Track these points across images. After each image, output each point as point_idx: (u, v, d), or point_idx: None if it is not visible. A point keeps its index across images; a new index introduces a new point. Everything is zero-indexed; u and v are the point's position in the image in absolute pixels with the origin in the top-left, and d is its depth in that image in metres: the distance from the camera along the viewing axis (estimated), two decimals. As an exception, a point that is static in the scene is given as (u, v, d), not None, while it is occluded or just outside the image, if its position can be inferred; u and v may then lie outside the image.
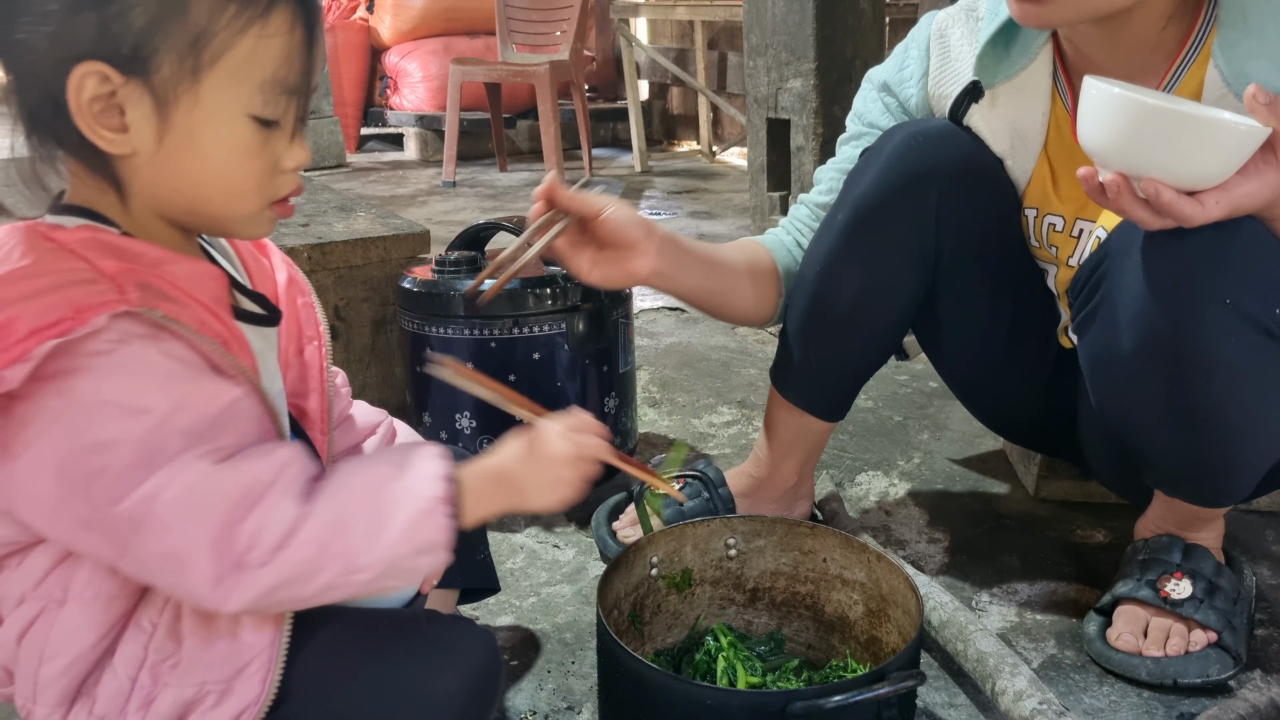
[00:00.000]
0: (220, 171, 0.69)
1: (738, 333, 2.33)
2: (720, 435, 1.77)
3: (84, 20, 0.63)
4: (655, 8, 4.78)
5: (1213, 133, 0.85)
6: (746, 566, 1.11)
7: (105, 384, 0.62)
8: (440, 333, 1.42)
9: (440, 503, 0.68)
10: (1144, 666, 1.08)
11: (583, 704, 1.08)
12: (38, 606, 0.70)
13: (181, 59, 0.65)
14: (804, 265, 1.25)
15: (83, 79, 0.63)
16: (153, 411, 0.63)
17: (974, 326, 1.26)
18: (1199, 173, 0.86)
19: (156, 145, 0.67)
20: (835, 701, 0.81)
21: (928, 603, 1.14)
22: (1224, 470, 1.07)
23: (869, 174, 1.18)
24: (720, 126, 5.21)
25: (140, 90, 0.65)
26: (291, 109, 0.70)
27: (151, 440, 0.62)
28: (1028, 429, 1.38)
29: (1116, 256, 1.01)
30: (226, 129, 0.67)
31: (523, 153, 5.18)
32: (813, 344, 1.25)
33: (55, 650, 0.69)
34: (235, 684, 0.70)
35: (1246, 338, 0.95)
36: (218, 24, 0.65)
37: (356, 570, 0.66)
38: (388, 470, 0.70)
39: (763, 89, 2.13)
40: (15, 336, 0.60)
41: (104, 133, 0.65)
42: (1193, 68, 1.06)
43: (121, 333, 0.63)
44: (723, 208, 3.83)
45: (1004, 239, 1.22)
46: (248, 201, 0.71)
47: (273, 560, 0.64)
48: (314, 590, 0.66)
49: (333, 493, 0.67)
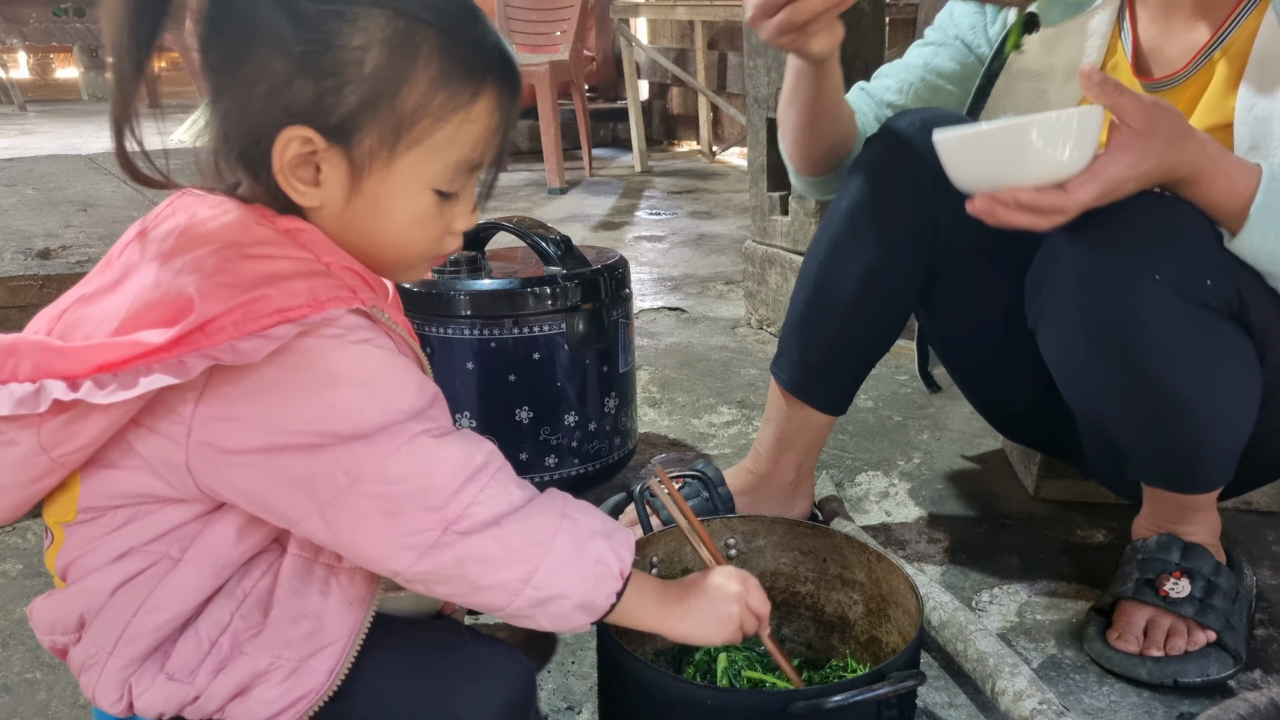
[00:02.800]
0: (398, 236, 0.72)
1: (737, 333, 2.33)
2: (720, 435, 1.77)
3: (302, 86, 0.66)
4: (655, 8, 4.78)
5: (1027, 133, 0.93)
6: (746, 566, 1.11)
7: (338, 362, 0.66)
8: (440, 333, 1.42)
9: (620, 578, 0.73)
10: (1144, 666, 1.08)
11: (583, 704, 1.08)
12: (147, 560, 0.70)
13: (384, 138, 0.68)
14: (809, 251, 1.27)
15: (289, 141, 0.67)
16: (382, 388, 0.67)
17: (975, 313, 1.27)
18: (1045, 169, 0.94)
19: (343, 205, 0.70)
20: (835, 701, 0.81)
21: (928, 603, 1.14)
22: (1191, 449, 1.08)
23: (872, 161, 1.21)
24: (720, 126, 5.21)
25: (339, 156, 0.68)
26: (473, 182, 0.74)
27: (380, 409, 0.66)
28: (1029, 423, 1.38)
29: (1057, 248, 1.05)
30: (411, 200, 0.71)
31: (523, 153, 5.18)
32: (815, 333, 1.27)
33: (158, 604, 0.70)
34: (309, 663, 0.71)
35: (1182, 310, 0.99)
36: (425, 111, 0.68)
37: (533, 585, 0.69)
38: (598, 525, 0.74)
39: (763, 89, 2.13)
40: (259, 313, 0.63)
41: (298, 186, 0.68)
42: (1255, 12, 1.11)
43: (351, 323, 0.67)
44: (723, 208, 3.83)
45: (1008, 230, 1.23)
46: (413, 259, 0.75)
47: (480, 532, 0.67)
48: (493, 581, 0.68)
49: (549, 503, 0.72)
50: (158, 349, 0.62)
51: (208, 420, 0.65)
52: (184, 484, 0.68)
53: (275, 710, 0.71)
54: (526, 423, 1.42)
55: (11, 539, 1.42)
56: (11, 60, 7.70)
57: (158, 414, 0.66)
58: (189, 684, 0.71)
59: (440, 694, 0.74)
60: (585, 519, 0.73)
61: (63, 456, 0.67)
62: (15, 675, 1.13)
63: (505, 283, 1.40)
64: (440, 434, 0.69)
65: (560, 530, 0.70)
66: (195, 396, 0.65)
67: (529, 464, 1.44)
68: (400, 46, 0.66)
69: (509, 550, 0.68)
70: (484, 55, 0.70)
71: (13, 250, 1.73)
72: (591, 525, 0.73)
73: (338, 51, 0.65)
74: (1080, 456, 1.32)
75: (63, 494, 0.71)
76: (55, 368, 0.63)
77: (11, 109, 6.89)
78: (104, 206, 2.15)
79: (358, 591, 0.73)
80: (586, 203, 3.96)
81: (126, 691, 0.71)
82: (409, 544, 0.67)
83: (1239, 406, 1.06)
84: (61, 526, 0.72)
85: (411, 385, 0.69)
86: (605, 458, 1.50)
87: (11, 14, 7.44)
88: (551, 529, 0.70)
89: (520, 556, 0.68)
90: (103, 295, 0.68)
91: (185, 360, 0.62)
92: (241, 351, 0.62)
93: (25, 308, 1.56)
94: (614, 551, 0.73)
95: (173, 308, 0.63)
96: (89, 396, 0.62)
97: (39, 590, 1.14)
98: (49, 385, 0.63)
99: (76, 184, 2.42)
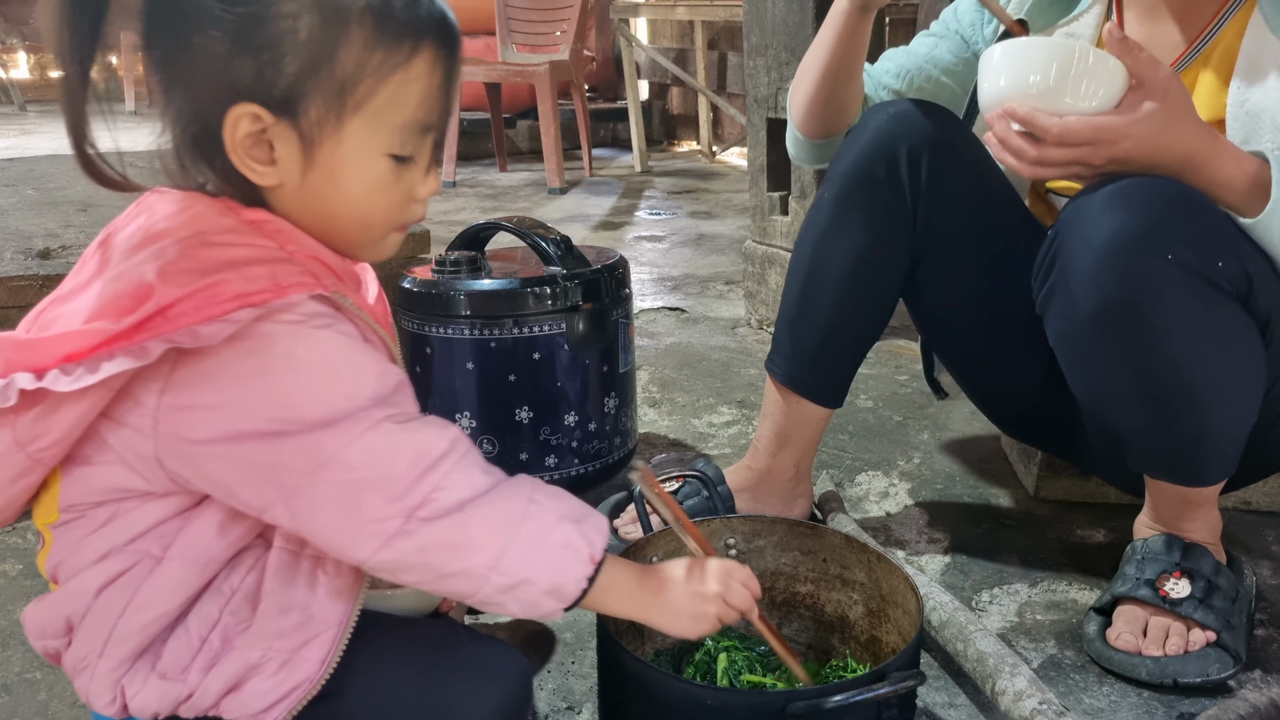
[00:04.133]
0: (358, 206, 0.72)
1: (737, 333, 2.33)
2: (720, 435, 1.77)
3: (242, 63, 0.66)
4: (655, 8, 4.78)
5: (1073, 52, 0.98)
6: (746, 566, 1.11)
7: (299, 347, 0.66)
8: (440, 333, 1.42)
9: (591, 563, 0.71)
10: (1144, 666, 1.08)
11: (583, 704, 1.08)
12: (129, 560, 0.71)
13: (328, 104, 0.68)
14: (798, 245, 1.29)
15: (238, 119, 0.67)
16: (343, 374, 0.67)
17: (960, 299, 1.28)
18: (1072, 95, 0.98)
19: (300, 180, 0.70)
20: (835, 701, 0.81)
21: (928, 603, 1.14)
22: (1195, 434, 1.08)
23: (853, 150, 1.23)
24: (720, 126, 5.21)
25: (289, 130, 0.68)
26: (427, 145, 0.73)
27: (341, 395, 0.67)
28: (1025, 417, 1.38)
29: (1065, 232, 1.05)
30: (366, 167, 0.71)
31: (523, 153, 5.19)
32: (807, 324, 1.28)
33: (143, 603, 0.70)
34: (300, 653, 0.71)
35: (1193, 290, 0.99)
36: (364, 71, 0.68)
37: (499, 571, 0.68)
38: (567, 509, 0.72)
39: (763, 89, 2.13)
40: (222, 298, 0.63)
41: (254, 165, 0.69)
42: (1241, 10, 1.12)
43: (313, 310, 0.68)
44: (723, 208, 3.83)
45: (990, 215, 1.25)
46: (379, 230, 0.75)
47: (443, 519, 0.67)
48: (458, 568, 0.68)
49: (515, 488, 0.71)
50: (119, 334, 0.63)
51: (172, 410, 0.66)
52: (156, 476, 0.69)
53: (270, 702, 0.71)
54: (526, 423, 1.42)
55: (11, 539, 1.42)
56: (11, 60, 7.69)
57: (126, 406, 0.67)
58: (181, 682, 0.71)
59: (436, 692, 0.73)
60: (553, 503, 0.72)
61: (39, 452, 0.67)
62: (15, 675, 1.13)
63: (505, 283, 1.40)
64: (404, 420, 0.68)
65: (526, 515, 0.70)
66: (160, 387, 0.66)
67: (529, 464, 1.44)
68: (331, 9, 0.67)
69: (473, 537, 0.68)
70: (417, 11, 0.69)
71: (13, 250, 1.73)
72: (560, 510, 0.72)
73: (271, 23, 0.66)
74: (1080, 452, 1.32)
75: (46, 495, 0.72)
76: (23, 361, 0.64)
77: (11, 109, 6.89)
78: (104, 206, 2.14)
79: (345, 582, 0.73)
80: (586, 203, 3.96)
81: (120, 693, 0.71)
82: (371, 532, 0.66)
83: (1244, 391, 1.06)
84: (49, 529, 0.72)
85: (373, 371, 0.69)
86: (605, 458, 1.50)
87: (11, 14, 7.44)
88: (517, 514, 0.69)
89: (485, 543, 0.68)
90: (75, 295, 0.69)
91: (146, 345, 0.63)
92: (201, 335, 0.63)
93: (25, 308, 1.55)
94: (584, 536, 0.72)
95: (135, 296, 0.64)
96: (53, 384, 0.63)
97: (39, 590, 1.14)
98: (17, 378, 0.64)
99: (76, 184, 2.42)
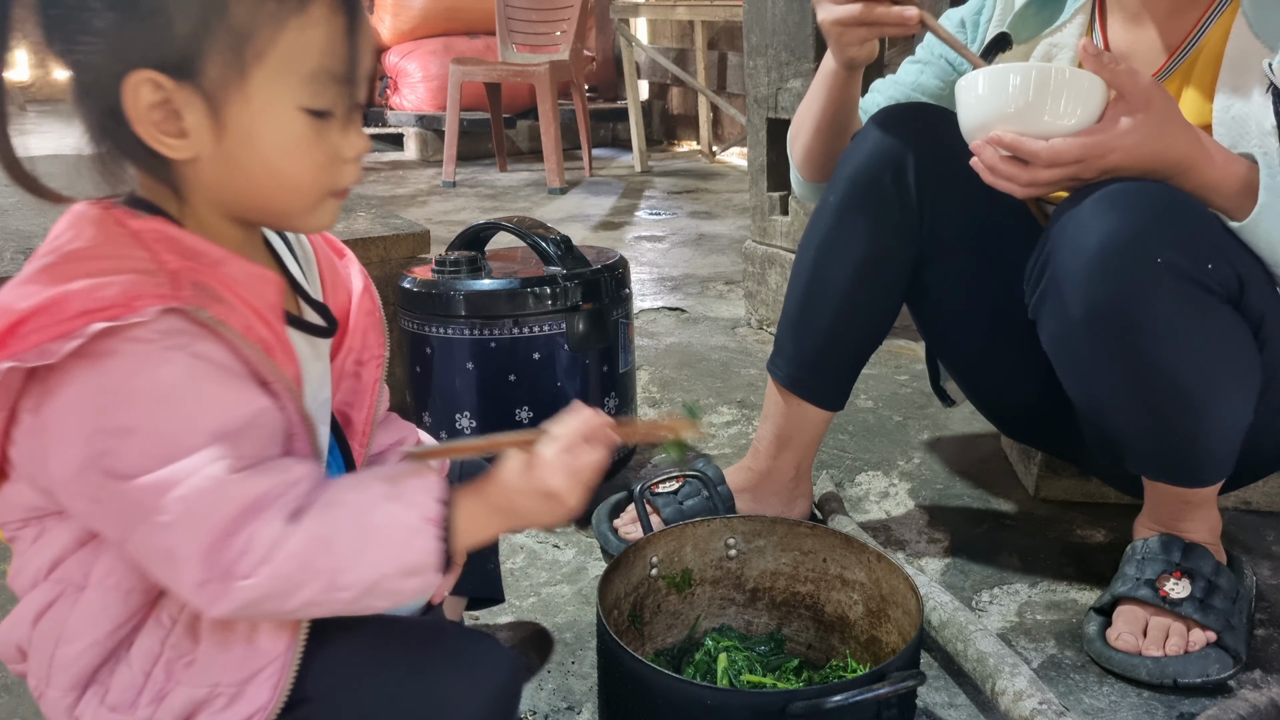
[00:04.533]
0: (279, 167, 0.69)
1: (737, 333, 2.33)
2: (720, 435, 1.77)
3: (133, 34, 0.64)
4: (655, 8, 4.78)
5: (1048, 74, 0.98)
6: (746, 566, 1.11)
7: (140, 372, 0.63)
8: (440, 333, 1.42)
9: (429, 525, 0.68)
10: (1144, 666, 1.08)
11: (583, 704, 1.08)
12: (57, 590, 0.70)
13: (226, 60, 0.66)
14: (801, 248, 1.29)
15: (136, 88, 0.65)
16: (180, 406, 0.64)
17: (964, 303, 1.28)
18: (1050, 118, 0.99)
19: (216, 147, 0.68)
20: (835, 701, 0.81)
21: (928, 603, 1.14)
22: (1190, 436, 1.08)
23: (857, 154, 1.23)
24: (720, 126, 5.21)
25: (192, 94, 0.66)
26: (342, 98, 0.70)
27: (173, 433, 0.63)
28: (1027, 418, 1.38)
29: (1056, 237, 1.05)
30: (280, 124, 0.68)
31: (523, 153, 5.18)
32: (810, 328, 1.28)
33: (72, 634, 0.70)
34: (247, 688, 0.70)
35: (1183, 293, 1.00)
36: (258, 20, 0.66)
37: (339, 588, 0.66)
38: (380, 490, 0.69)
39: (763, 89, 2.13)
40: (66, 313, 0.62)
41: (165, 139, 0.67)
42: (1225, 14, 1.13)
43: (167, 327, 0.64)
44: (723, 208, 3.83)
45: (993, 219, 1.25)
46: (308, 194, 0.72)
47: (255, 574, 0.64)
48: (296, 605, 0.66)
49: (321, 510, 0.67)
50: None
51: (28, 433, 0.65)
52: (40, 493, 0.68)
53: None
54: (526, 423, 1.42)
55: (11, 539, 1.42)
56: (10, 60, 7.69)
57: (15, 422, 0.66)
58: (131, 715, 0.70)
59: (420, 692, 0.72)
60: (361, 495, 0.68)
61: None
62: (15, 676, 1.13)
63: (505, 283, 1.40)
64: (238, 468, 0.65)
65: (337, 525, 0.66)
66: (33, 404, 0.65)
67: (529, 464, 1.44)
68: None
69: (292, 574, 0.65)
70: None
71: (13, 250, 1.73)
72: (371, 497, 0.68)
73: None
74: (1080, 453, 1.32)
75: None
76: None
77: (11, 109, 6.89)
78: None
79: None
80: (586, 203, 3.96)
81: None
82: (195, 594, 0.64)
83: (1238, 392, 1.06)
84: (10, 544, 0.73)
85: (224, 402, 0.65)
86: (605, 458, 1.50)
87: (11, 14, 7.43)
88: (326, 531, 0.66)
89: (308, 574, 0.65)
90: None
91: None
92: (46, 352, 0.61)
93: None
94: (409, 506, 0.68)
95: None
96: None
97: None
98: None
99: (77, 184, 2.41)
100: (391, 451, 0.93)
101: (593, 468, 0.73)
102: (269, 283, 0.72)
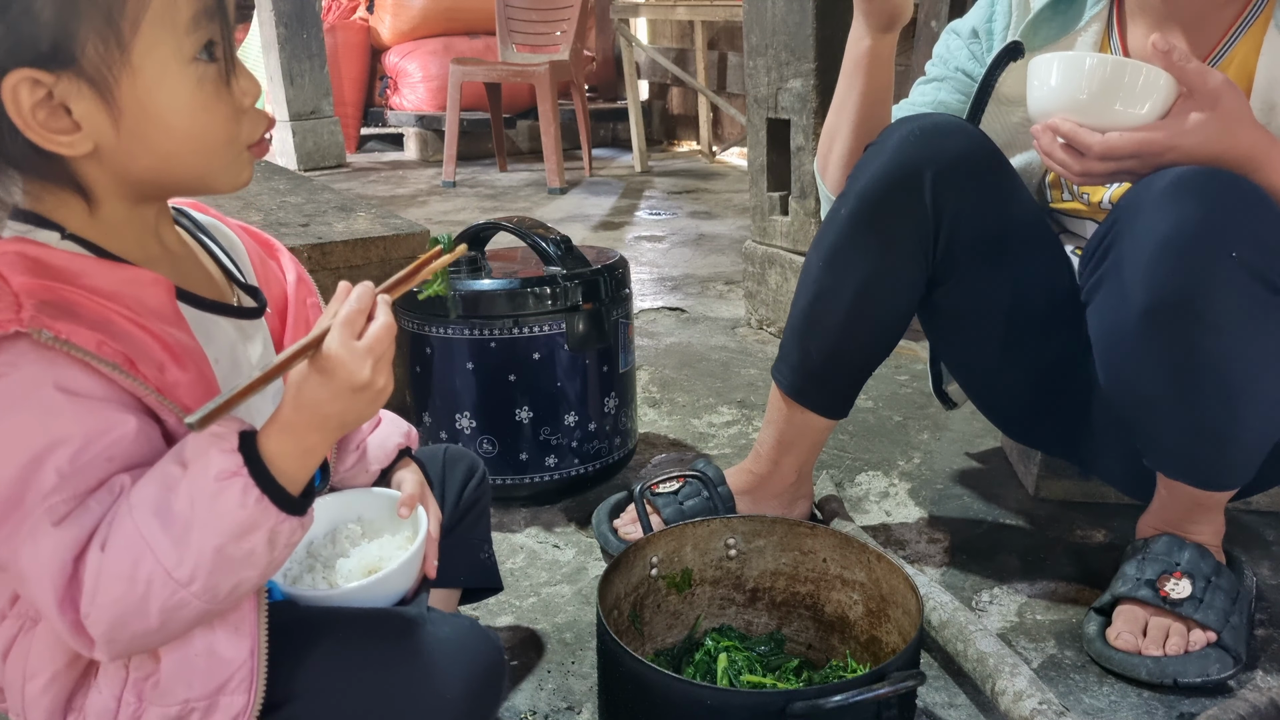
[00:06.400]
0: (187, 130, 0.67)
1: (737, 333, 2.33)
2: (720, 435, 1.77)
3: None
4: (655, 8, 4.78)
5: (1124, 68, 0.99)
6: (746, 566, 1.11)
7: None
8: (440, 332, 1.42)
9: (232, 476, 0.64)
10: (1144, 666, 1.08)
11: (583, 704, 1.08)
12: (16, 625, 0.70)
13: (102, 36, 0.62)
14: (809, 257, 1.26)
15: (15, 89, 0.62)
16: (27, 448, 0.61)
17: (977, 321, 1.26)
18: (1119, 111, 1.00)
19: (117, 133, 0.65)
20: (835, 701, 0.81)
21: (928, 603, 1.14)
22: (1224, 439, 1.07)
23: (871, 167, 1.20)
24: (720, 126, 5.21)
25: (75, 82, 0.63)
26: (224, 39, 0.67)
27: (21, 480, 0.61)
28: (1029, 421, 1.38)
29: (1124, 220, 1.03)
30: (175, 87, 0.65)
31: (523, 153, 5.19)
32: (815, 339, 1.26)
33: (35, 669, 0.69)
34: (220, 699, 0.70)
35: (1252, 291, 0.98)
36: None
37: (184, 582, 0.63)
38: (172, 470, 0.65)
39: (763, 89, 2.13)
40: None
41: (57, 137, 0.63)
42: (1255, 25, 1.11)
43: (14, 355, 0.61)
44: (723, 208, 3.83)
45: (1013, 236, 1.22)
46: (222, 152, 0.69)
47: (94, 609, 0.62)
48: (160, 620, 0.63)
49: (122, 520, 0.63)
50: None
51: None
52: None
53: None
54: (526, 423, 1.43)
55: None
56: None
57: None
58: None
59: (404, 674, 0.72)
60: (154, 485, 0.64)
61: None
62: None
63: (505, 283, 1.40)
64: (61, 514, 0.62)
65: (141, 527, 0.63)
66: None
67: (529, 464, 1.44)
68: None
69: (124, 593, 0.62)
70: None
71: (12, 250, 1.73)
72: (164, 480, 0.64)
73: None
74: (1082, 453, 1.32)
75: None
76: None
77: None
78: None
79: (240, 614, 0.70)
80: (586, 203, 3.96)
81: None
82: (75, 642, 0.64)
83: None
84: None
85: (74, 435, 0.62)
86: (605, 458, 1.50)
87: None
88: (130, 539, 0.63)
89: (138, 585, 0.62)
90: None
91: None
92: None
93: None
94: (200, 473, 0.63)
95: None
96: None
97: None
98: None
99: None
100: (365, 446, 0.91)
101: (382, 339, 0.69)
102: (150, 285, 0.68)
